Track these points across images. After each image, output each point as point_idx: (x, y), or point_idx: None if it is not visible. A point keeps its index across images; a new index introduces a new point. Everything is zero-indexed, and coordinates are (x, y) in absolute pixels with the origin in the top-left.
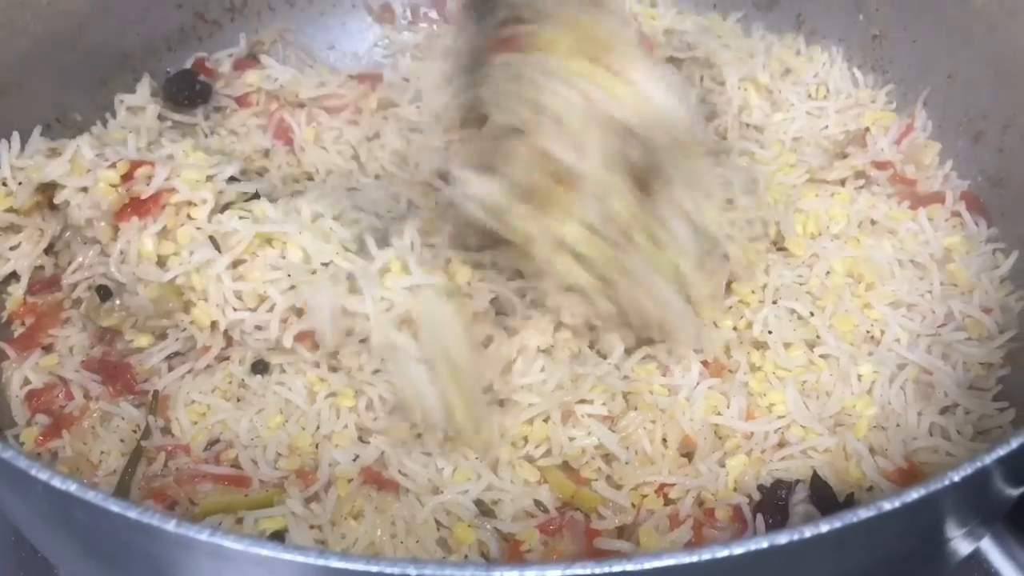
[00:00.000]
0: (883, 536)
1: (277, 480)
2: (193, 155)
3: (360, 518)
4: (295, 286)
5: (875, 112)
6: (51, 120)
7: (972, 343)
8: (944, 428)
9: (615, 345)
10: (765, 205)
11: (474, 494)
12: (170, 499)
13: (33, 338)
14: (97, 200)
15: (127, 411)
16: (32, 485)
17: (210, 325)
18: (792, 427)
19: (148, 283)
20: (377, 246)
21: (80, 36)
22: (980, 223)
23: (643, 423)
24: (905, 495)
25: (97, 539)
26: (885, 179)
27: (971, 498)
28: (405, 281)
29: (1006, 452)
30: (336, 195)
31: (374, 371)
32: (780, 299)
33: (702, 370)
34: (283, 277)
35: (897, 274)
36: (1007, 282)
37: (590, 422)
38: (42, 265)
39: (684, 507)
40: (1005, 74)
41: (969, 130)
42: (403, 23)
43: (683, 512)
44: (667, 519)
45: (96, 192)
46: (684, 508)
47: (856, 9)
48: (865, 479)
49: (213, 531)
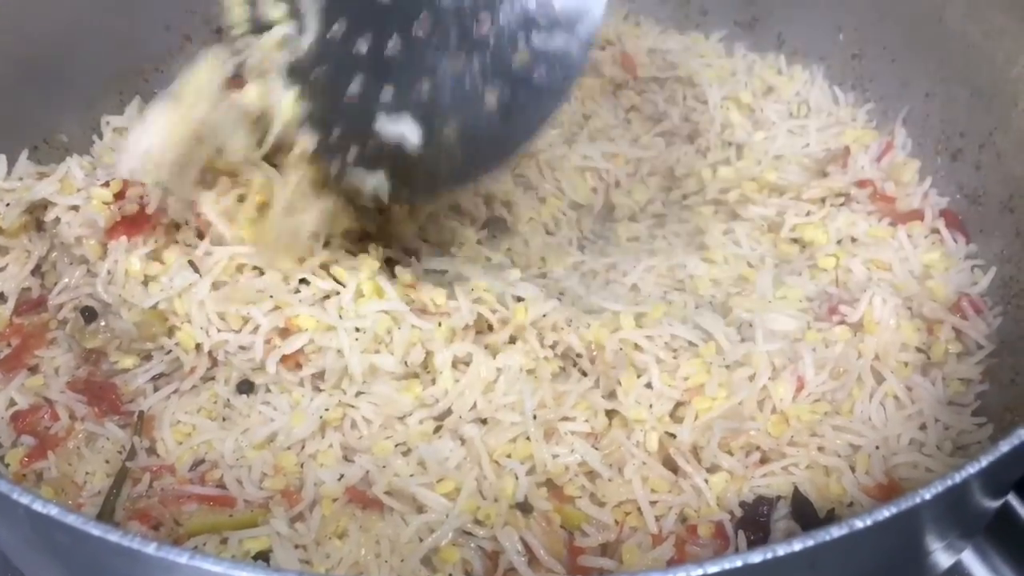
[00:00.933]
0: (858, 553)
1: (262, 500)
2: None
3: (345, 537)
4: (279, 307)
5: (855, 130)
6: (39, 142)
7: (951, 359)
8: (923, 443)
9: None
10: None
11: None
12: (155, 520)
13: (19, 359)
14: (90, 218)
15: (112, 432)
16: (14, 508)
17: (195, 347)
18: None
19: (132, 306)
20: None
21: (67, 58)
22: (959, 240)
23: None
24: (877, 513)
25: (79, 562)
26: (865, 197)
27: (947, 513)
28: (379, 305)
29: (976, 470)
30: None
31: (357, 393)
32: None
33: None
34: (266, 298)
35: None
36: (985, 298)
37: (573, 439)
38: (29, 287)
39: (667, 524)
40: (981, 93)
41: (947, 148)
42: None
43: (666, 529)
44: (650, 537)
45: (89, 210)
46: (667, 525)
47: (836, 29)
48: (846, 495)
49: (193, 554)
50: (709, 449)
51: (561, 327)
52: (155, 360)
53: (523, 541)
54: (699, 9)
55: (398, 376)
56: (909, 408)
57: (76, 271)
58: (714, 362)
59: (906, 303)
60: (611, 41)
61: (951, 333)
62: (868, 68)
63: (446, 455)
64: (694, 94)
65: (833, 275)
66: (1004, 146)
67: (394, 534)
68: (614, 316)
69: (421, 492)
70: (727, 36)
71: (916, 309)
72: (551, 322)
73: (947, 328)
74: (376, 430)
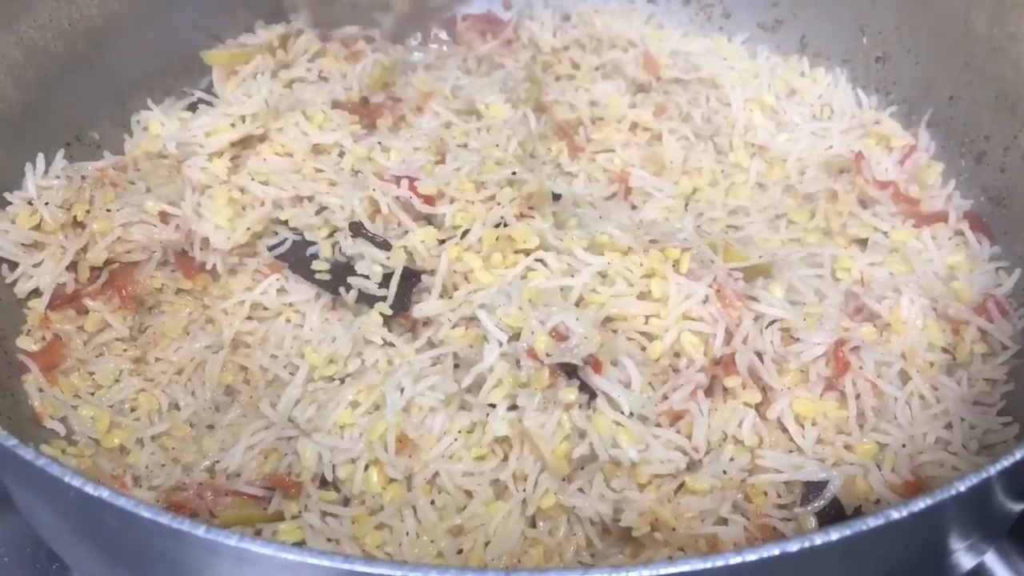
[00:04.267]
0: (889, 546)
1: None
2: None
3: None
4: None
5: (879, 132)
6: (71, 139)
7: (976, 359)
8: (949, 442)
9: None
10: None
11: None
12: (191, 510)
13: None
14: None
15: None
16: (65, 492)
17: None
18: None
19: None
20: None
21: (100, 56)
22: (983, 242)
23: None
24: (912, 505)
25: (125, 545)
26: (888, 198)
27: (974, 510)
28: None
29: (1010, 463)
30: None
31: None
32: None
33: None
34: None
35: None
36: (1010, 300)
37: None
38: (64, 282)
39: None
40: (1006, 96)
41: (971, 150)
42: (413, 44)
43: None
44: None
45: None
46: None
47: (860, 31)
48: (872, 492)
49: (241, 537)
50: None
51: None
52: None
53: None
54: (722, 12)
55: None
56: (935, 407)
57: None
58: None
59: (932, 304)
60: (634, 43)
61: (976, 334)
62: (892, 71)
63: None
64: (717, 96)
65: (857, 275)
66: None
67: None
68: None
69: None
70: (750, 38)
71: (941, 310)
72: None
73: (972, 329)
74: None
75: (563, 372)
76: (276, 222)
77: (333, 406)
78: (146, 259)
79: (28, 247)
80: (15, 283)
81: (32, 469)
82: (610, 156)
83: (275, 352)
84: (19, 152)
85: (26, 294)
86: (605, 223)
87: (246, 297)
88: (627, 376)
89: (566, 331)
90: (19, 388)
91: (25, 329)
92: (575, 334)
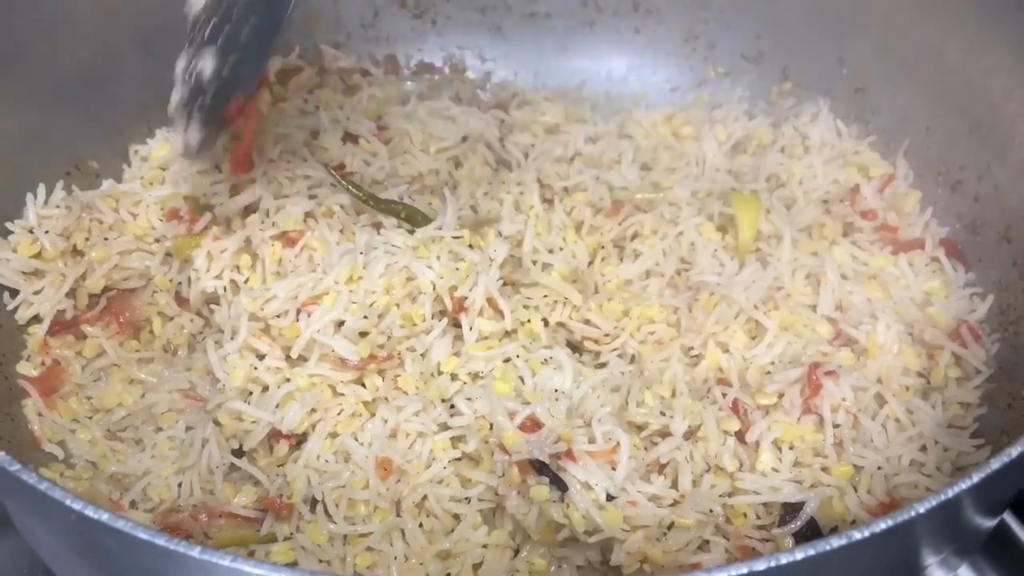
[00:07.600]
0: (857, 563)
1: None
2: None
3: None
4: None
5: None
6: (71, 168)
7: (951, 383)
8: (923, 464)
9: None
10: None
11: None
12: (186, 532)
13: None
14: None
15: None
16: (66, 515)
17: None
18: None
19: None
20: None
21: (100, 87)
22: (958, 268)
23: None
24: (874, 525)
25: (123, 566)
26: (869, 227)
27: (942, 527)
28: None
29: (968, 486)
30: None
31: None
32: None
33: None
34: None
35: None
36: (983, 325)
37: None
38: (63, 308)
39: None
40: (979, 127)
41: (947, 179)
42: (407, 73)
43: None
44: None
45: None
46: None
47: (840, 63)
48: (849, 513)
49: (234, 558)
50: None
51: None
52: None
53: None
54: (707, 43)
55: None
56: (910, 430)
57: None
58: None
59: (907, 329)
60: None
61: (951, 358)
62: (870, 101)
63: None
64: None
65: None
66: (1001, 178)
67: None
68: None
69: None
70: (732, 69)
71: (917, 335)
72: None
73: (947, 354)
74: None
75: (532, 468)
76: None
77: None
78: (143, 286)
79: (29, 275)
80: (16, 310)
81: (34, 493)
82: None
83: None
84: (20, 182)
85: (26, 320)
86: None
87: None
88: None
89: (538, 422)
90: (19, 413)
91: (25, 355)
92: (545, 426)
